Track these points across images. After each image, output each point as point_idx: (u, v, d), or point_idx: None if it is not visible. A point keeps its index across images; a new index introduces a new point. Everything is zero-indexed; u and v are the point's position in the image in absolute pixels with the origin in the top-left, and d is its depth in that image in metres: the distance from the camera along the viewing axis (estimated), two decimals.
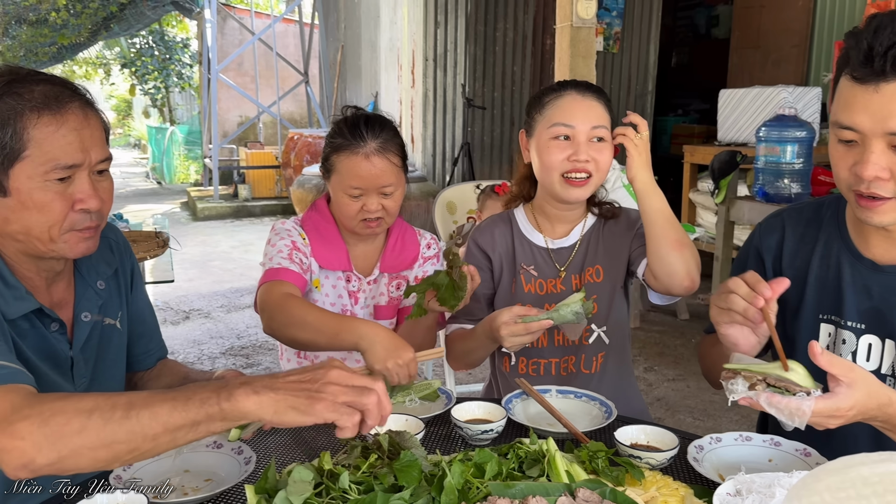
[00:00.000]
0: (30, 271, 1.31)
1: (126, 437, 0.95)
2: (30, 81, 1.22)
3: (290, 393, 0.95)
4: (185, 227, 9.45)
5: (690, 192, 5.84)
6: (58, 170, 1.21)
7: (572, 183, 1.69)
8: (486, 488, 1.08)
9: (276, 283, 1.75)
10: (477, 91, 7.35)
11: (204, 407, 0.95)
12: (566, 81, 1.77)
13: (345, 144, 1.78)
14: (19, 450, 0.96)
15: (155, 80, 17.43)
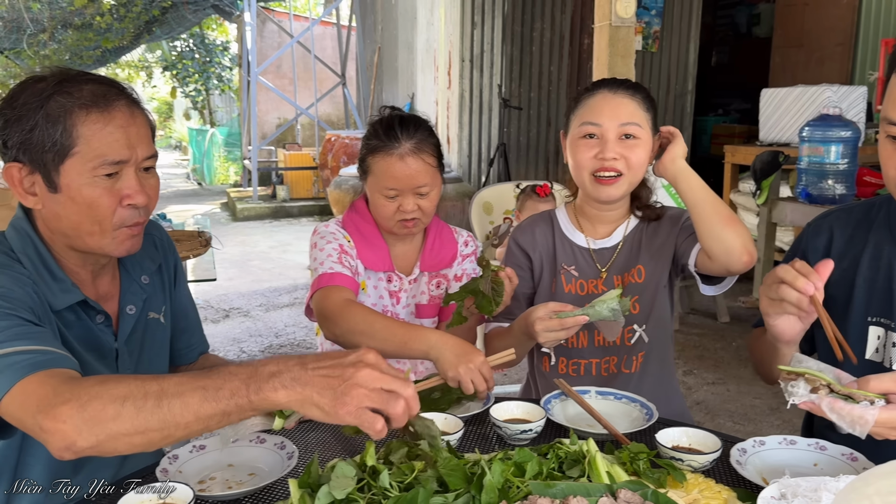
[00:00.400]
0: (76, 265, 1.35)
1: (159, 426, 0.97)
2: (79, 81, 1.25)
3: (317, 390, 0.93)
4: (225, 227, 9.59)
5: (731, 192, 5.75)
6: (105, 165, 1.24)
7: (602, 181, 1.68)
8: (526, 487, 1.07)
9: (332, 289, 1.74)
10: (513, 91, 7.34)
11: (234, 398, 0.95)
12: (602, 80, 1.76)
13: (379, 146, 1.79)
14: (61, 432, 0.99)
15: (195, 82, 17.71)
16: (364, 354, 0.98)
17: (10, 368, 1.07)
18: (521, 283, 1.85)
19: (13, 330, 1.13)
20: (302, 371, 0.95)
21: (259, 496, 1.20)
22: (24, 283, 1.24)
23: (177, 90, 18.69)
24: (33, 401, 1.03)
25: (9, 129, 1.24)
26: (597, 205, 1.78)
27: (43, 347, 1.12)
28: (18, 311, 1.17)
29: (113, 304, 1.43)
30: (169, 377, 1.00)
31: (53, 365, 1.10)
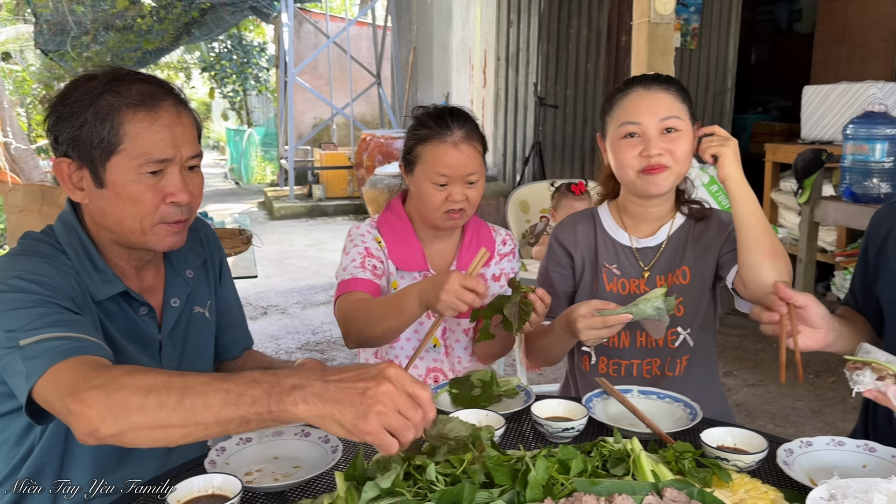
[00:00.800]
0: (120, 259, 1.39)
1: (179, 422, 0.98)
2: (128, 80, 1.28)
3: (338, 408, 0.92)
4: (263, 225, 9.71)
5: (772, 191, 5.66)
6: (150, 163, 1.27)
7: (650, 172, 1.65)
8: (571, 485, 1.07)
9: (347, 296, 1.78)
10: (549, 90, 7.31)
11: (254, 406, 0.95)
12: (633, 78, 1.74)
13: (431, 134, 1.80)
14: (87, 417, 1.00)
15: (233, 83, 17.94)
16: (385, 368, 0.96)
17: (44, 354, 1.11)
18: (561, 282, 1.85)
19: (51, 317, 1.17)
20: (324, 386, 0.94)
21: (305, 488, 1.22)
22: (66, 274, 1.27)
23: (215, 91, 18.96)
24: (63, 385, 1.06)
25: (60, 126, 1.28)
26: (640, 202, 1.77)
27: (77, 335, 1.14)
28: (58, 299, 1.20)
29: (157, 297, 1.46)
30: (196, 375, 1.01)
31: (86, 352, 1.12)
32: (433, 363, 1.97)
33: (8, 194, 3.45)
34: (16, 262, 1.26)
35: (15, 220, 3.51)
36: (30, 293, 1.19)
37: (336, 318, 1.80)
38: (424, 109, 1.88)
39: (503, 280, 1.98)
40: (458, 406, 1.54)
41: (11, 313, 1.17)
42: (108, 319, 1.35)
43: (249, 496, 1.19)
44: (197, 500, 1.12)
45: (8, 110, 8.50)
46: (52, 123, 1.29)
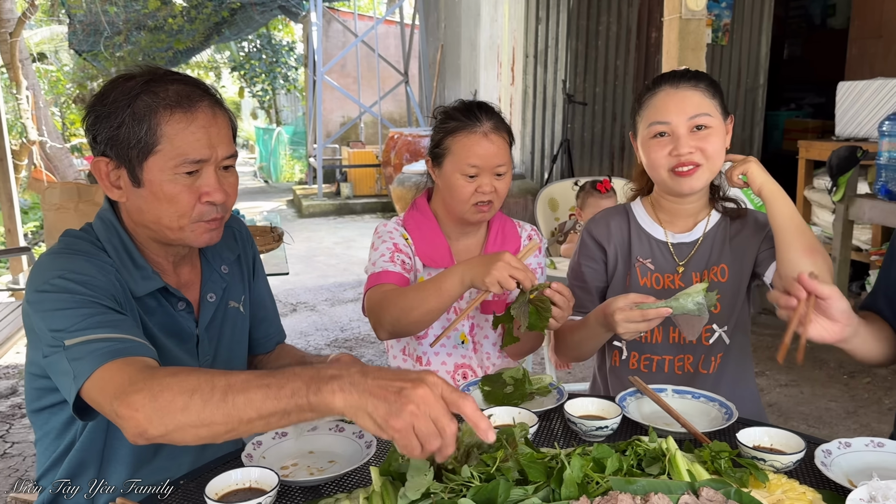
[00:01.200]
0: (158, 255, 1.41)
1: (223, 420, 1.00)
2: (166, 81, 1.30)
3: (372, 401, 0.93)
4: (292, 223, 9.78)
5: (805, 189, 5.58)
6: (186, 164, 1.29)
7: (681, 174, 1.65)
8: (606, 483, 1.07)
9: (377, 288, 1.79)
10: (578, 87, 7.27)
11: (294, 398, 0.97)
12: (661, 76, 1.72)
13: (460, 126, 1.81)
14: (135, 420, 1.03)
15: (262, 82, 18.11)
16: (426, 375, 0.96)
17: (91, 355, 1.13)
18: (593, 276, 1.84)
19: (95, 318, 1.19)
20: (362, 378, 0.95)
21: (340, 483, 1.23)
22: (107, 272, 1.29)
23: (244, 90, 19.15)
24: (111, 388, 1.09)
25: (98, 125, 1.30)
26: (675, 199, 1.76)
27: (122, 336, 1.17)
28: (101, 298, 1.23)
29: (194, 292, 1.49)
30: (237, 373, 1.03)
31: (131, 353, 1.15)
32: (461, 359, 1.98)
33: (45, 192, 3.52)
34: (58, 260, 1.28)
35: (52, 217, 3.58)
36: (73, 293, 1.21)
37: (366, 310, 1.81)
38: (446, 107, 1.89)
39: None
40: (490, 403, 1.54)
41: (56, 313, 1.20)
42: (147, 315, 1.37)
43: (285, 490, 1.20)
44: (234, 492, 1.14)
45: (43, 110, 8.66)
46: (90, 123, 1.31)
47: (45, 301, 1.21)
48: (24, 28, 7.73)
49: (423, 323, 1.71)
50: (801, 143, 5.66)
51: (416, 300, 1.66)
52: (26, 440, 3.41)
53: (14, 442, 3.42)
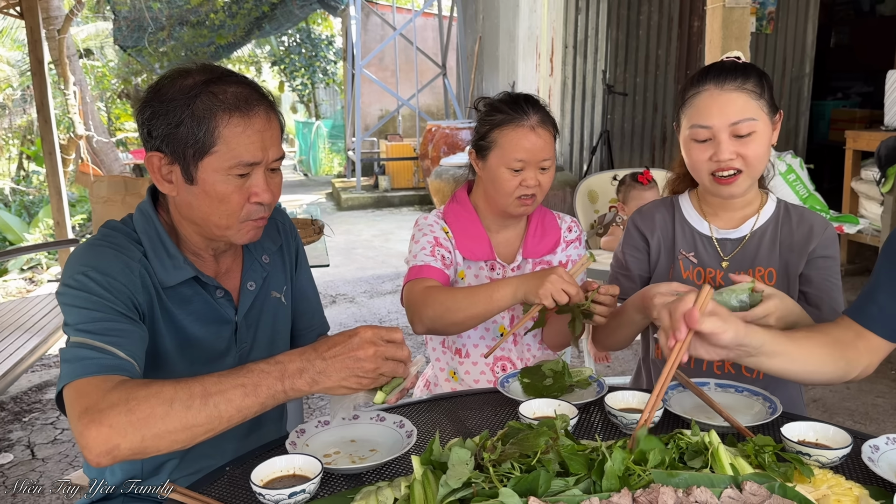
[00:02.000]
0: (199, 247, 1.44)
1: (205, 421, 1.09)
2: (225, 82, 1.32)
3: (338, 378, 1.14)
4: (331, 216, 9.87)
5: (852, 180, 5.45)
6: (240, 166, 1.31)
7: (721, 181, 1.61)
8: (648, 476, 1.06)
9: (418, 281, 1.80)
10: (618, 77, 7.19)
11: (270, 392, 1.12)
12: (707, 70, 1.64)
13: (507, 119, 1.81)
14: (104, 436, 1.06)
15: (302, 76, 18.25)
16: (362, 332, 1.16)
17: (79, 362, 1.17)
18: (636, 265, 1.83)
19: (104, 324, 1.22)
20: (322, 362, 1.14)
21: (381, 471, 1.25)
22: (132, 269, 1.32)
23: (284, 84, 19.33)
24: (83, 402, 1.11)
25: (156, 121, 1.32)
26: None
27: (116, 352, 1.20)
28: (116, 303, 1.26)
29: (235, 280, 1.51)
30: (206, 378, 1.12)
31: (116, 372, 1.18)
32: (500, 351, 1.98)
33: (93, 185, 3.62)
34: (88, 253, 1.32)
35: (100, 209, 3.67)
36: (91, 293, 1.25)
37: (404, 302, 1.82)
38: (489, 99, 1.88)
39: (569, 266, 1.97)
40: (530, 395, 1.54)
41: (73, 309, 1.25)
42: (181, 303, 1.40)
43: (328, 477, 1.22)
44: (279, 479, 1.16)
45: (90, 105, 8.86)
46: (146, 117, 1.33)
47: (67, 295, 1.26)
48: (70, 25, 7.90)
49: (466, 326, 1.74)
50: (849, 134, 5.53)
51: (465, 303, 1.68)
52: None
53: (64, 428, 3.52)
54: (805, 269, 1.70)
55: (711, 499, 1.02)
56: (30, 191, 8.97)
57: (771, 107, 1.62)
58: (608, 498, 1.01)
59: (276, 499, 1.10)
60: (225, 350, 1.47)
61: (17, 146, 10.18)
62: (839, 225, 5.12)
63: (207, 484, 1.22)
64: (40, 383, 4.08)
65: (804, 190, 4.92)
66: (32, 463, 3.18)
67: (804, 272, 1.70)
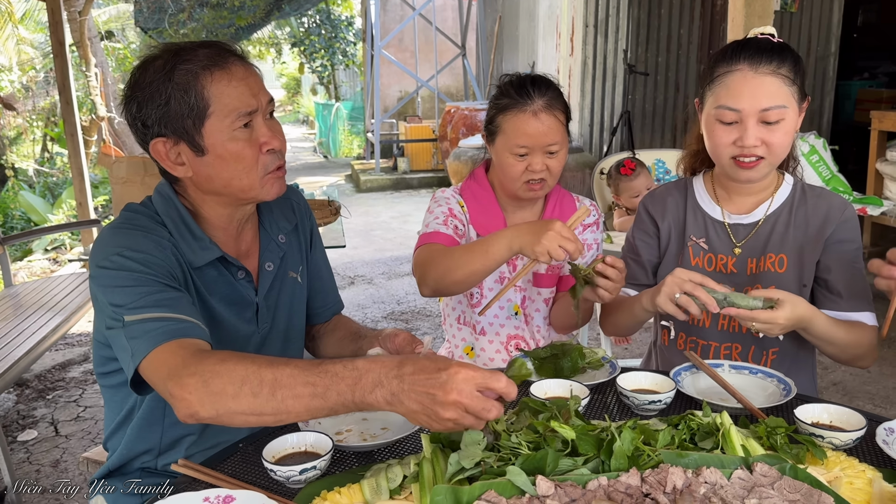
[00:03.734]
0: (222, 221, 1.44)
1: (272, 412, 1.07)
2: (191, 48, 1.33)
3: (411, 412, 1.01)
4: (350, 198, 9.89)
5: (878, 161, 5.36)
6: (240, 117, 1.32)
7: (742, 165, 1.57)
8: (657, 456, 1.06)
9: (426, 246, 1.79)
10: (639, 57, 7.10)
11: (339, 399, 1.04)
12: (742, 47, 1.57)
13: (511, 104, 1.78)
14: (186, 401, 1.09)
15: (322, 58, 18.21)
16: (455, 374, 0.99)
17: (148, 335, 1.18)
18: (646, 250, 1.81)
19: (153, 296, 1.23)
20: (399, 387, 1.00)
21: (392, 449, 1.26)
22: (164, 247, 1.32)
23: (304, 66, 19.31)
24: (165, 369, 1.14)
25: (145, 110, 1.32)
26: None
27: (178, 315, 1.21)
28: (159, 276, 1.26)
29: (253, 261, 1.52)
30: (282, 367, 1.07)
31: (186, 334, 1.19)
32: (514, 330, 1.98)
33: (113, 166, 3.64)
34: (117, 236, 1.32)
35: (119, 190, 3.70)
36: (132, 271, 1.25)
37: (413, 266, 1.80)
38: (509, 77, 1.86)
39: (584, 250, 1.95)
40: (543, 376, 1.54)
41: (116, 290, 1.24)
42: (207, 284, 1.41)
43: (339, 454, 1.23)
44: (291, 455, 1.18)
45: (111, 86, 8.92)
46: (135, 112, 1.33)
47: (105, 277, 1.26)
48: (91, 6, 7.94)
49: (467, 284, 1.69)
50: (874, 114, 5.43)
51: (462, 260, 1.64)
52: (97, 405, 3.57)
53: (87, 406, 3.59)
54: (823, 256, 1.65)
55: (721, 479, 1.02)
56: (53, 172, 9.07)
57: (801, 93, 1.57)
58: (616, 477, 1.02)
59: (287, 475, 1.11)
60: (248, 332, 1.49)
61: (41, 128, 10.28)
62: (863, 207, 5.04)
63: (221, 460, 1.24)
64: (63, 362, 4.15)
65: (827, 171, 4.85)
66: (56, 440, 3.24)
67: (822, 260, 1.65)
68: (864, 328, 1.61)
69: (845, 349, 1.59)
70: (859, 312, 1.62)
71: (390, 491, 1.08)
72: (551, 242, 1.49)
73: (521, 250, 1.56)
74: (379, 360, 1.04)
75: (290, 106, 26.12)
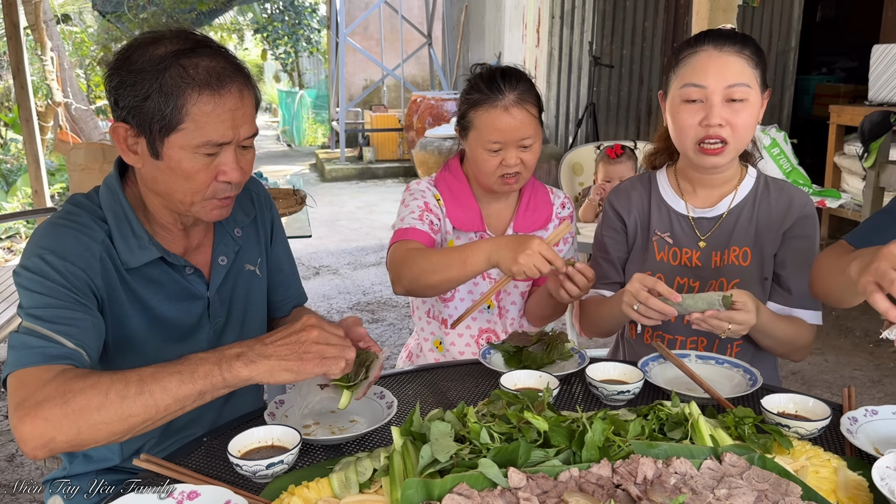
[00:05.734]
0: (167, 221, 1.39)
1: (141, 411, 1.07)
2: (197, 55, 1.25)
3: (280, 357, 1.09)
4: (315, 187, 9.80)
5: (836, 155, 5.47)
6: (208, 146, 1.26)
7: (706, 151, 1.57)
8: (628, 447, 1.06)
9: (402, 243, 1.77)
10: (605, 49, 7.14)
11: (208, 378, 1.08)
12: (705, 33, 1.61)
13: (482, 99, 1.76)
14: (40, 429, 1.05)
15: (285, 44, 18.00)
16: (307, 319, 1.14)
17: (25, 350, 1.14)
18: (615, 247, 1.81)
19: (54, 310, 1.19)
20: (263, 346, 1.10)
21: (361, 442, 1.24)
22: (92, 252, 1.28)
23: (267, 53, 19.06)
24: (21, 393, 1.09)
25: (122, 91, 1.26)
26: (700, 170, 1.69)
27: (63, 341, 1.17)
28: (72, 290, 1.23)
29: (206, 255, 1.48)
30: (143, 368, 1.09)
31: (61, 361, 1.15)
32: (486, 324, 1.97)
33: (70, 153, 3.54)
34: (50, 233, 1.28)
35: (77, 177, 3.61)
36: (46, 278, 1.22)
37: (388, 264, 1.79)
38: (481, 68, 1.84)
39: (562, 244, 1.96)
40: (512, 367, 1.54)
41: (27, 292, 1.22)
42: (147, 283, 1.36)
43: (307, 448, 1.21)
44: (257, 450, 1.15)
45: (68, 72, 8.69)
46: (113, 86, 1.28)
47: (23, 277, 1.23)
48: None
49: (441, 288, 1.71)
50: (833, 108, 5.54)
51: (439, 265, 1.64)
52: None
53: None
54: (780, 250, 1.67)
55: (691, 469, 1.02)
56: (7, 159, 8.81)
57: (763, 81, 1.59)
58: (588, 469, 1.01)
59: (253, 469, 1.09)
60: (197, 326, 1.45)
61: None
62: (821, 199, 5.14)
63: (184, 455, 1.21)
64: None
65: (788, 164, 4.93)
66: (10, 433, 3.16)
67: (779, 254, 1.67)
68: (802, 325, 1.65)
69: (782, 343, 1.64)
70: (805, 310, 1.66)
71: (360, 485, 1.06)
72: (528, 261, 1.51)
73: (499, 265, 1.57)
74: (241, 341, 1.13)
75: None
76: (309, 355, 1.10)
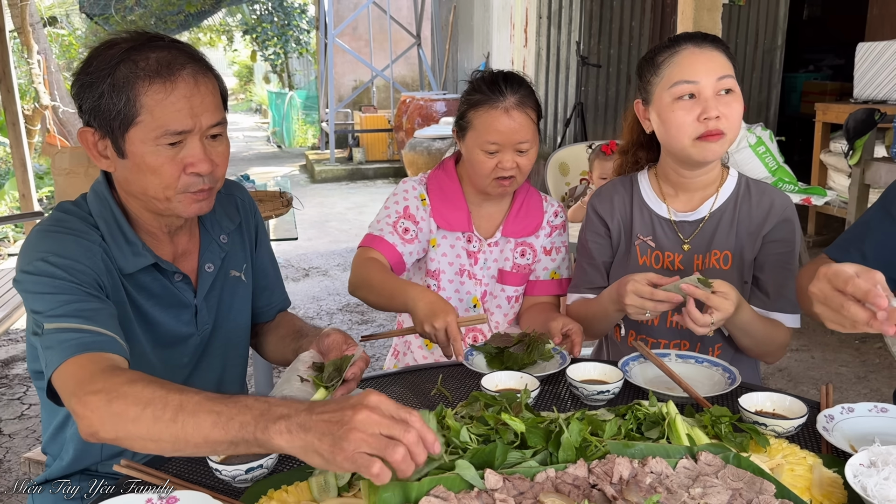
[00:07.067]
0: (152, 226, 1.39)
1: (170, 439, 1.01)
2: (147, 48, 1.25)
3: (318, 436, 0.91)
4: (304, 188, 9.79)
5: (822, 153, 5.50)
6: (168, 135, 1.25)
7: (707, 138, 1.55)
8: (604, 447, 1.07)
9: (366, 249, 1.84)
10: (592, 48, 7.15)
11: (241, 431, 0.96)
12: (679, 36, 1.62)
13: (483, 100, 1.78)
14: (88, 419, 1.05)
15: (274, 45, 17.96)
16: (366, 396, 0.93)
17: (61, 346, 1.14)
18: (600, 252, 1.82)
19: (73, 305, 1.19)
20: (308, 417, 0.93)
21: None
22: (93, 253, 1.28)
23: (256, 54, 19.02)
24: (71, 383, 1.10)
25: (83, 94, 1.27)
26: (686, 171, 1.68)
27: (94, 328, 1.17)
28: (82, 284, 1.22)
29: (192, 262, 1.47)
30: (193, 393, 1.02)
31: (100, 348, 1.15)
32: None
33: (55, 157, 3.52)
34: (45, 240, 1.27)
35: (62, 182, 3.59)
36: (54, 277, 1.21)
37: (352, 263, 1.85)
38: (482, 73, 1.85)
39: (554, 253, 1.96)
40: (493, 368, 1.54)
41: (37, 296, 1.21)
42: (141, 290, 1.36)
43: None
44: (237, 454, 1.15)
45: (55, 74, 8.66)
46: (76, 91, 1.28)
47: (28, 282, 1.22)
48: None
49: (376, 306, 1.81)
50: (819, 106, 5.57)
51: (377, 287, 1.74)
52: None
53: (31, 404, 3.49)
54: (759, 254, 1.68)
55: (667, 469, 1.03)
56: None
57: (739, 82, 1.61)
58: (564, 469, 1.02)
59: (232, 474, 1.09)
60: (186, 333, 1.45)
61: None
62: (807, 197, 5.17)
63: (164, 460, 1.21)
64: (6, 358, 4.03)
65: (773, 162, 4.96)
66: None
67: (758, 258, 1.69)
68: (780, 328, 1.66)
69: (759, 344, 1.65)
70: (782, 313, 1.67)
71: (339, 488, 1.07)
72: (431, 331, 1.54)
73: (411, 315, 1.61)
74: (297, 401, 0.99)
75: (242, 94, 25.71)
76: (345, 443, 0.89)
